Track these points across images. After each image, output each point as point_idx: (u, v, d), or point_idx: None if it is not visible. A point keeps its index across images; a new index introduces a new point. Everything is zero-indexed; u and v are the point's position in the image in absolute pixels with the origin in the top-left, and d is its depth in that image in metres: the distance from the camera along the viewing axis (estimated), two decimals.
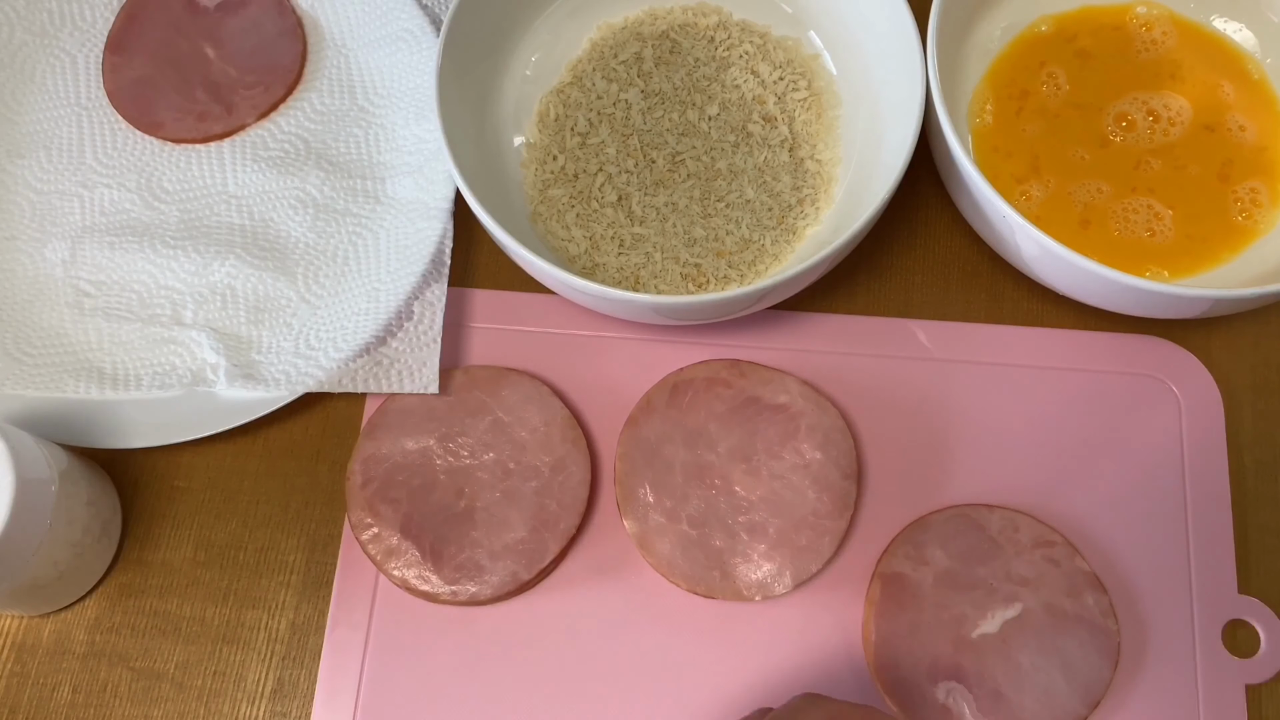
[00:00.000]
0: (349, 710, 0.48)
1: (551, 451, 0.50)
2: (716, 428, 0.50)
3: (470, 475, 0.50)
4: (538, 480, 0.50)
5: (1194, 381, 0.52)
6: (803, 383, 0.51)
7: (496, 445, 0.50)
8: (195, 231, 0.55)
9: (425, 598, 0.48)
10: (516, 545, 0.48)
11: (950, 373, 0.53)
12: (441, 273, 0.53)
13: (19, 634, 0.49)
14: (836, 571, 0.49)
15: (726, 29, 0.57)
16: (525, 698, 0.48)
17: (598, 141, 0.55)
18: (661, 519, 0.49)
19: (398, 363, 0.51)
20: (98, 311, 0.53)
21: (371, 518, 0.49)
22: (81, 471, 0.48)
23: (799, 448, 0.50)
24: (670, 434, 0.50)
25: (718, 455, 0.50)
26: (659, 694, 0.48)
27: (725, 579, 0.48)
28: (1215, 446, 0.51)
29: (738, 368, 0.51)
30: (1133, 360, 0.53)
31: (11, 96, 0.57)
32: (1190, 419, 0.52)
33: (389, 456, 0.50)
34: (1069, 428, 0.52)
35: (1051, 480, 0.51)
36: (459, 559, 0.48)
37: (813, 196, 0.54)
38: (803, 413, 0.50)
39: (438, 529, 0.49)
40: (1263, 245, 0.52)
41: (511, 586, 0.48)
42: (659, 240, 0.53)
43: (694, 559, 0.48)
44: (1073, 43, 0.56)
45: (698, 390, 0.51)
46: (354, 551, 0.50)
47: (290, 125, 0.57)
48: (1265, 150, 0.54)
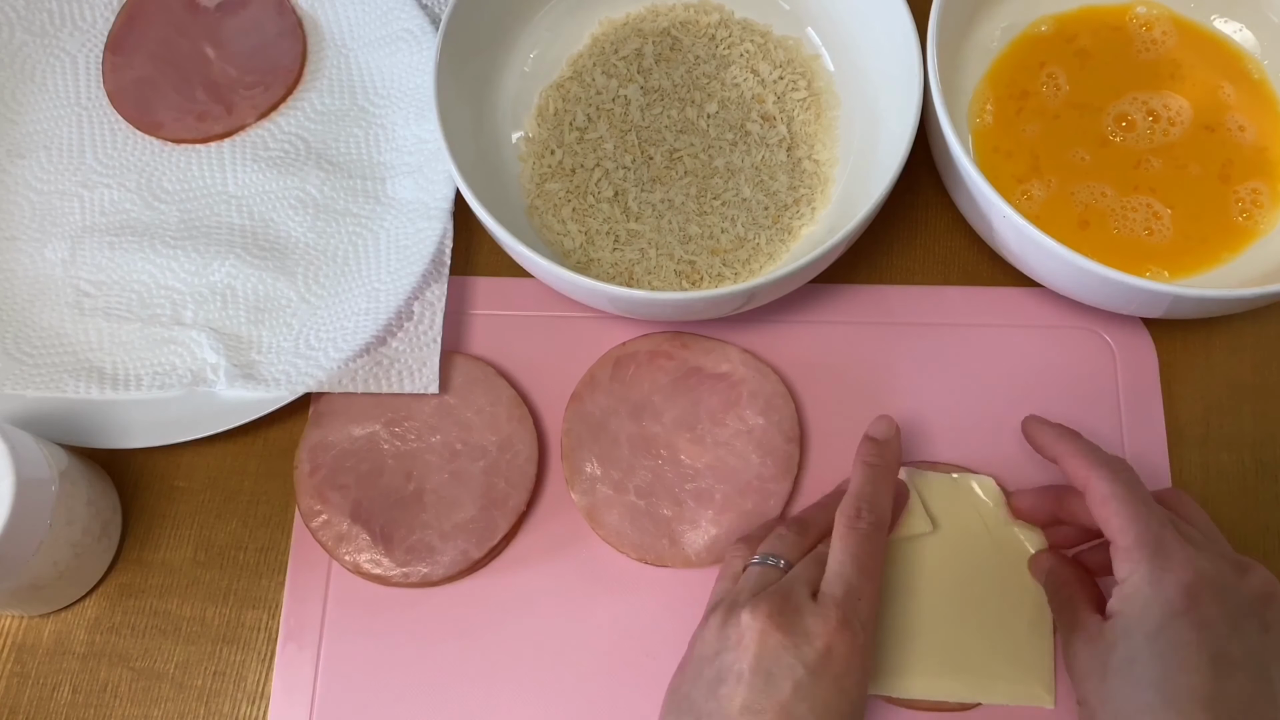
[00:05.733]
0: (306, 698, 0.48)
1: (498, 431, 0.50)
2: (660, 399, 0.51)
3: (418, 458, 0.50)
4: (485, 460, 0.50)
5: (1127, 332, 0.53)
6: (744, 351, 0.52)
7: (443, 427, 0.51)
8: (195, 231, 0.55)
9: (378, 581, 0.49)
10: (466, 525, 0.49)
11: (888, 335, 0.53)
12: (441, 273, 0.53)
13: (19, 634, 0.50)
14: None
15: (728, 27, 0.57)
16: (481, 675, 0.48)
17: (596, 137, 0.55)
18: (609, 491, 0.49)
19: (398, 363, 0.51)
20: (98, 311, 0.53)
21: (320, 504, 0.49)
22: (81, 471, 0.48)
23: (742, 414, 0.50)
24: (615, 407, 0.51)
25: (662, 426, 0.50)
26: (614, 664, 0.48)
27: (674, 546, 0.49)
28: (1150, 395, 0.52)
29: (679, 339, 0.52)
30: (1066, 314, 0.53)
31: (11, 96, 0.57)
32: (1125, 369, 0.52)
33: (336, 444, 0.50)
34: (1006, 383, 0.52)
35: (990, 435, 0.51)
36: (410, 541, 0.49)
37: (809, 196, 0.54)
38: (744, 380, 0.51)
39: (387, 512, 0.49)
40: (1263, 245, 0.52)
41: (463, 566, 0.48)
42: (654, 236, 0.53)
43: (643, 528, 0.49)
44: (1073, 43, 0.56)
45: (640, 363, 0.51)
46: (305, 539, 0.50)
47: (290, 125, 0.57)
48: (1265, 150, 0.53)
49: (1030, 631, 0.46)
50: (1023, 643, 0.46)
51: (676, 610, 0.49)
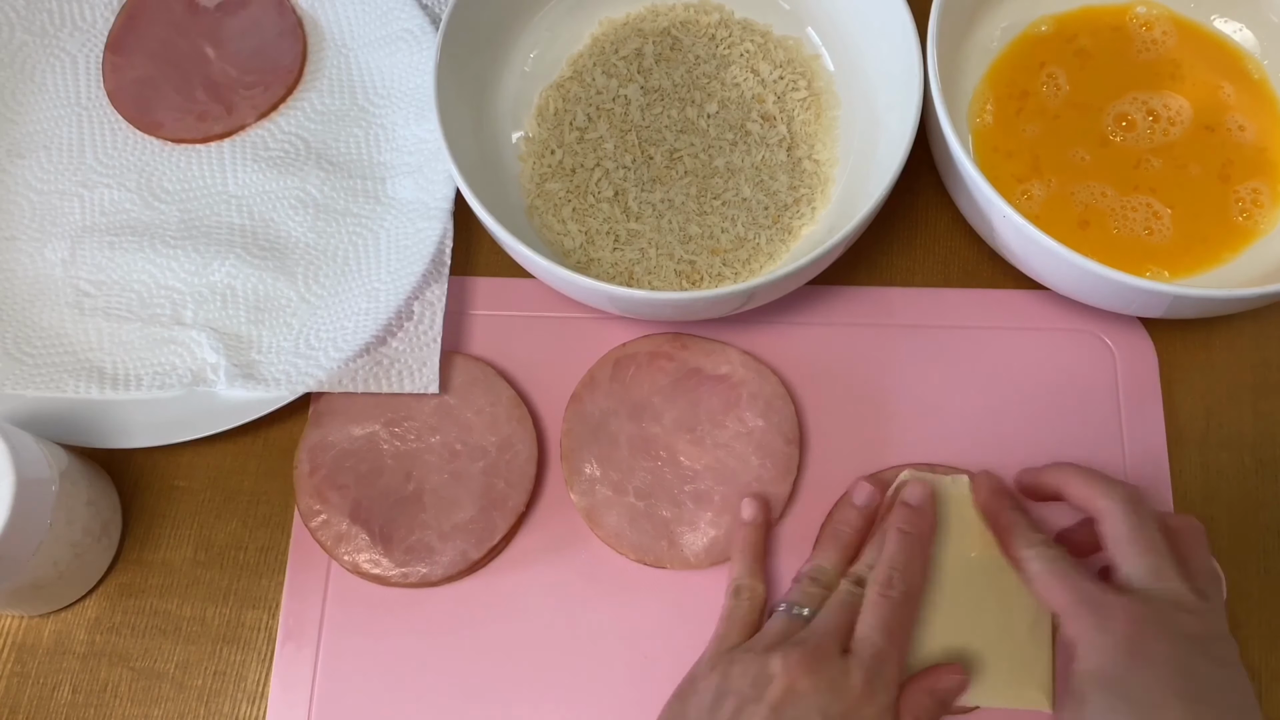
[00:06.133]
0: (305, 698, 0.48)
1: (498, 431, 0.50)
2: (660, 400, 0.51)
3: (418, 458, 0.50)
4: (485, 460, 0.50)
5: (1127, 333, 0.53)
6: (743, 353, 0.52)
7: (443, 428, 0.51)
8: (195, 231, 0.55)
9: (377, 581, 0.49)
10: (466, 525, 0.49)
11: (889, 337, 0.53)
12: (441, 273, 0.53)
13: (19, 634, 0.50)
14: (782, 535, 0.50)
15: (728, 27, 0.57)
16: (480, 676, 0.48)
17: (596, 137, 0.55)
18: (608, 492, 0.49)
19: (397, 363, 0.51)
20: (98, 311, 0.53)
21: (320, 504, 0.49)
22: (81, 471, 0.48)
23: (741, 416, 0.50)
24: (615, 408, 0.51)
25: (662, 427, 0.50)
26: (612, 665, 0.48)
27: (673, 548, 0.49)
28: (1150, 395, 0.52)
29: (679, 340, 0.52)
30: (1066, 315, 0.53)
31: (12, 96, 0.57)
32: (1125, 370, 0.52)
33: (336, 444, 0.50)
34: (1006, 385, 0.52)
35: (991, 436, 0.52)
36: (409, 541, 0.49)
37: (809, 196, 0.54)
38: (744, 382, 0.51)
39: (387, 512, 0.49)
40: (1263, 245, 0.52)
41: (462, 566, 0.48)
42: (654, 236, 0.53)
43: (642, 529, 0.49)
44: (1073, 43, 0.56)
45: (640, 364, 0.51)
46: (304, 539, 0.50)
47: (290, 125, 0.57)
48: (1265, 150, 0.53)
49: (1029, 635, 0.46)
50: (1021, 646, 0.46)
51: (675, 611, 0.49)
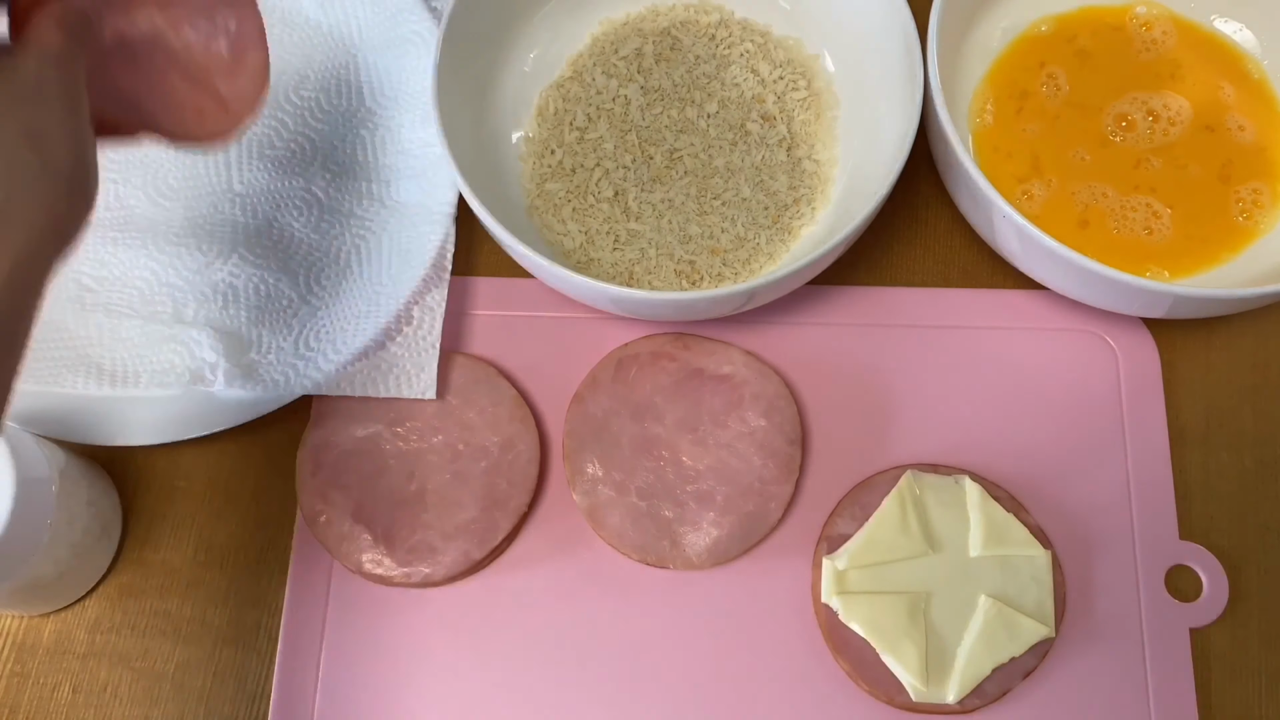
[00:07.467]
0: (307, 698, 0.48)
1: (500, 431, 0.50)
2: (662, 400, 0.51)
3: (420, 458, 0.50)
4: (487, 460, 0.50)
5: (1129, 333, 0.53)
6: (745, 353, 0.52)
7: (445, 428, 0.51)
8: (199, 229, 0.55)
9: (379, 581, 0.49)
10: (468, 525, 0.49)
11: (891, 337, 0.53)
12: (442, 278, 0.53)
13: (19, 634, 0.50)
14: (784, 535, 0.50)
15: (728, 27, 0.57)
16: (482, 676, 0.48)
17: (596, 137, 0.55)
18: (611, 492, 0.49)
19: (396, 367, 0.51)
20: (99, 307, 0.53)
21: (323, 504, 0.49)
22: (81, 471, 0.48)
23: (744, 416, 0.50)
24: (617, 409, 0.51)
25: (664, 427, 0.50)
26: (615, 665, 0.48)
27: (675, 548, 0.49)
28: (1153, 395, 0.52)
29: (681, 341, 0.52)
30: (1067, 315, 0.53)
31: None
32: (1127, 370, 0.52)
33: (338, 444, 0.50)
34: (1008, 385, 0.52)
35: (993, 437, 0.51)
36: (411, 541, 0.49)
37: (809, 196, 0.54)
38: (746, 382, 0.51)
39: (389, 513, 0.49)
40: (1263, 245, 0.52)
41: (465, 566, 0.48)
42: (654, 236, 0.53)
43: (644, 530, 0.49)
44: (1073, 43, 0.56)
45: (643, 364, 0.51)
46: (307, 539, 0.50)
47: (297, 125, 0.57)
48: (1265, 150, 0.53)
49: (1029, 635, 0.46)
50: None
51: (677, 612, 0.49)
